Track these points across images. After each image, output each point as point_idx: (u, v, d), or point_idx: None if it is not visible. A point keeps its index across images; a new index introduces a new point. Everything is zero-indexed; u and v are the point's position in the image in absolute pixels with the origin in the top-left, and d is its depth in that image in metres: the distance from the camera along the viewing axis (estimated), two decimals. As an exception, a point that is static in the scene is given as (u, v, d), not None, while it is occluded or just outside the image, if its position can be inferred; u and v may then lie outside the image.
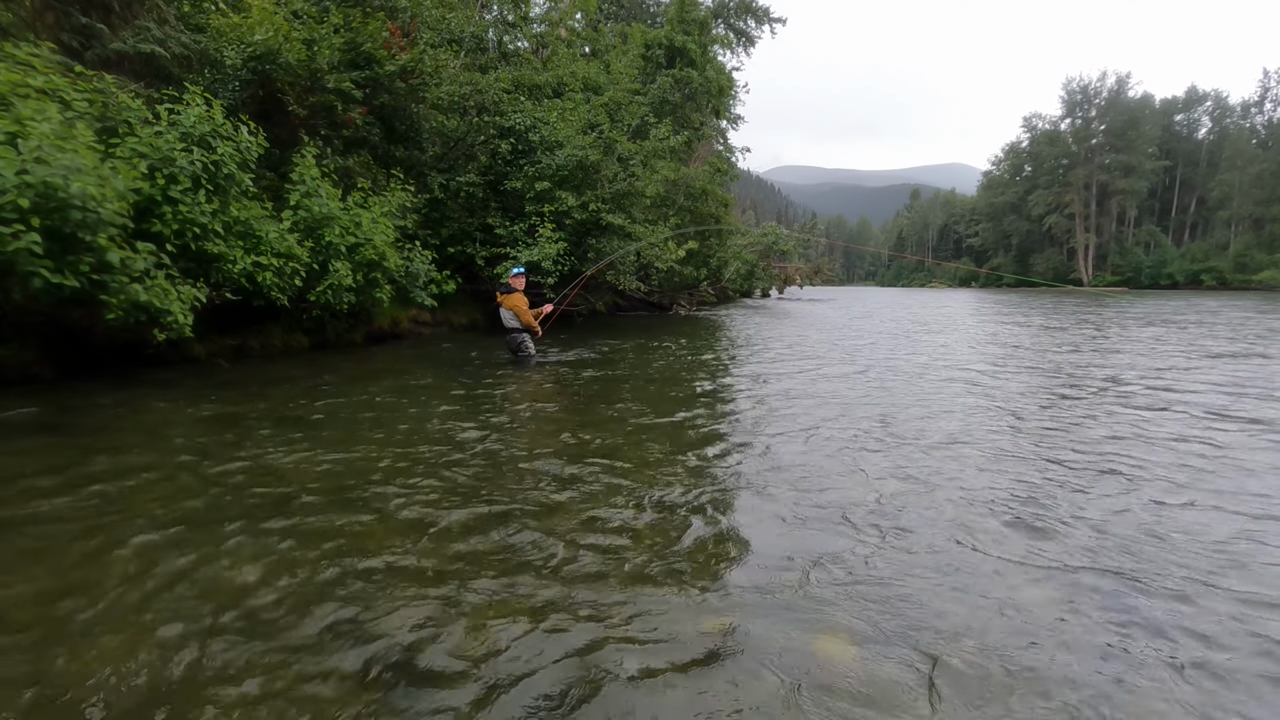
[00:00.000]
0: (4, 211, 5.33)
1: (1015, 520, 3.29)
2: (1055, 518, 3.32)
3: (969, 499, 3.59)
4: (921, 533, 3.12)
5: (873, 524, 3.21)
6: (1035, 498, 3.61)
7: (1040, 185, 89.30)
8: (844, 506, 3.46)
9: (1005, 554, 2.90)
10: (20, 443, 4.39)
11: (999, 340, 12.99)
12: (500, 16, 20.58)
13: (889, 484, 3.84)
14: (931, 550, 2.92)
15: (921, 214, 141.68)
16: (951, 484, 3.84)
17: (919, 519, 3.29)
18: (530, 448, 4.60)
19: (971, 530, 3.16)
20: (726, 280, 28.41)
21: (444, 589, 2.51)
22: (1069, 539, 3.07)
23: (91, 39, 8.34)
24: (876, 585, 2.60)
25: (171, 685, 1.92)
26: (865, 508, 3.43)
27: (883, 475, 3.99)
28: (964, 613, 2.40)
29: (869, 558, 2.84)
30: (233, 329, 8.74)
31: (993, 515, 3.35)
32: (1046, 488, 3.78)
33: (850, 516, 3.31)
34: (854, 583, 2.61)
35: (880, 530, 3.14)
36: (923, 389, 7.14)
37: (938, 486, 3.79)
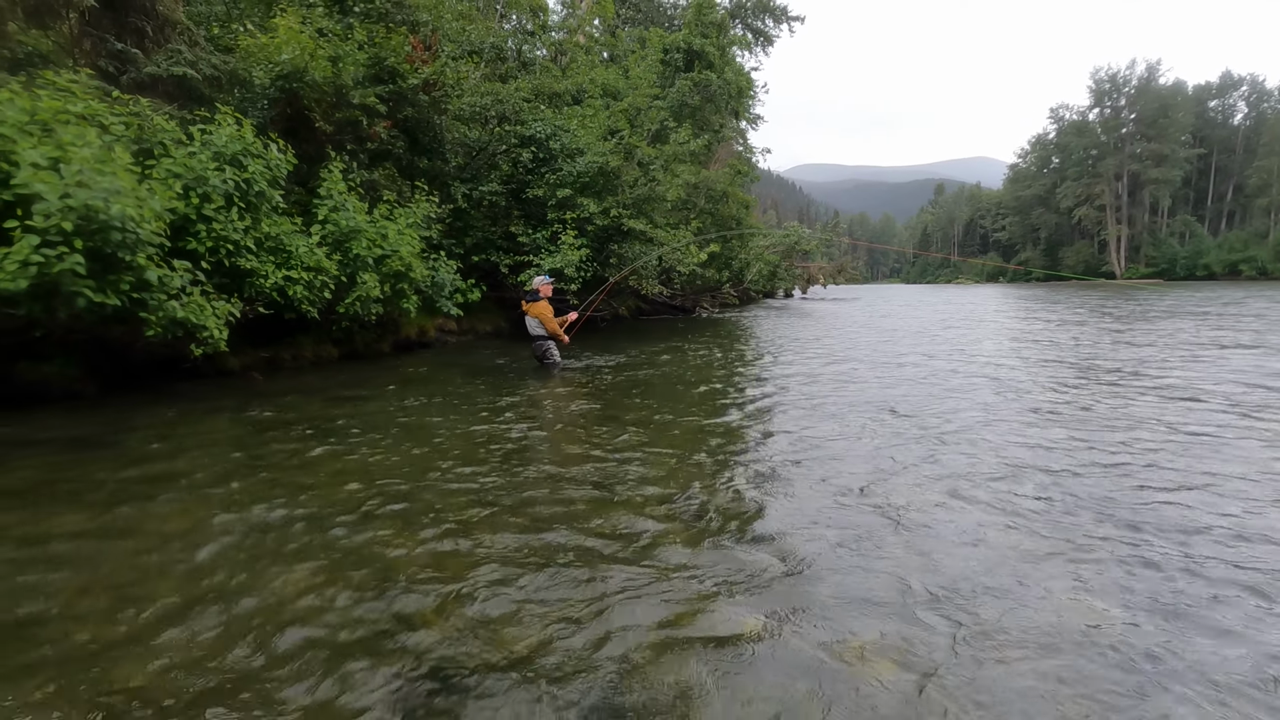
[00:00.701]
0: (49, 234, 5.52)
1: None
2: (1069, 507, 3.26)
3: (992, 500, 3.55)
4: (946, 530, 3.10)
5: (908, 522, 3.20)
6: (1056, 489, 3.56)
7: (1069, 177, 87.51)
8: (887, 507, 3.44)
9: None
10: (72, 456, 4.55)
11: (1024, 337, 12.76)
12: (519, 26, 20.79)
13: (928, 485, 3.81)
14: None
15: (946, 209, 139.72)
16: (973, 483, 3.80)
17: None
18: (561, 453, 4.65)
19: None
20: (749, 281, 28.29)
21: (488, 587, 2.55)
22: (1090, 530, 3.02)
23: (127, 64, 8.60)
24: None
25: (229, 684, 1.98)
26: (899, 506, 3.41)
27: (918, 477, 3.96)
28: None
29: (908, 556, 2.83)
30: (265, 342, 8.93)
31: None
32: (1064, 481, 3.72)
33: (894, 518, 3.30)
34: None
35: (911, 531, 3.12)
36: (940, 385, 7.05)
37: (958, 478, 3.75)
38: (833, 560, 2.90)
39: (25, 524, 3.32)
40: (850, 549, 3.01)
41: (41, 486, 3.91)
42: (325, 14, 11.51)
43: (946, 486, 3.86)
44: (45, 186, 5.53)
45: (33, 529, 3.26)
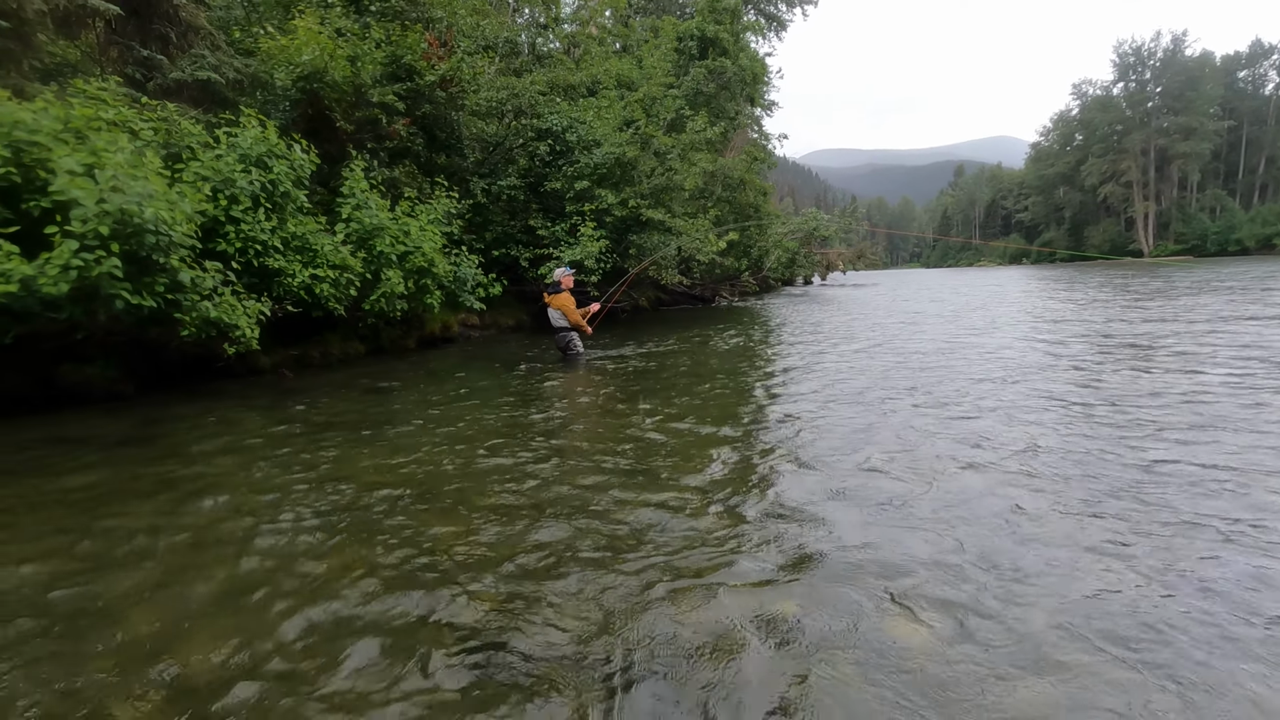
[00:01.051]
0: (87, 239, 5.67)
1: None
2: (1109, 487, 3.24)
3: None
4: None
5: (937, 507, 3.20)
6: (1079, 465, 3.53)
7: (1093, 154, 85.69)
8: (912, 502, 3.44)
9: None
10: (118, 455, 4.69)
11: (1046, 316, 12.55)
12: (532, 19, 20.79)
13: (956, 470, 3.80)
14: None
15: (967, 191, 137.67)
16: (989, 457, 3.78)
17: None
18: (593, 438, 4.69)
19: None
20: (768, 269, 28.15)
21: (526, 577, 2.61)
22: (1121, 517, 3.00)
23: (153, 70, 8.77)
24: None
25: (268, 670, 2.05)
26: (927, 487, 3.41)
27: (939, 453, 3.95)
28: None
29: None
30: (294, 340, 9.09)
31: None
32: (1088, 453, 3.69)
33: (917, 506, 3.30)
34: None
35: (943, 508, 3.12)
36: (964, 364, 6.98)
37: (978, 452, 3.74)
38: (865, 528, 2.91)
39: (80, 521, 3.44)
40: (883, 516, 3.02)
41: (93, 485, 4.04)
42: (343, 13, 11.61)
43: (970, 458, 3.85)
44: (82, 192, 5.68)
45: (88, 526, 3.37)
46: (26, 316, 5.71)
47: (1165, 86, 78.43)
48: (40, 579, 2.73)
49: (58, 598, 2.58)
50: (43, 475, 4.20)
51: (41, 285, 5.44)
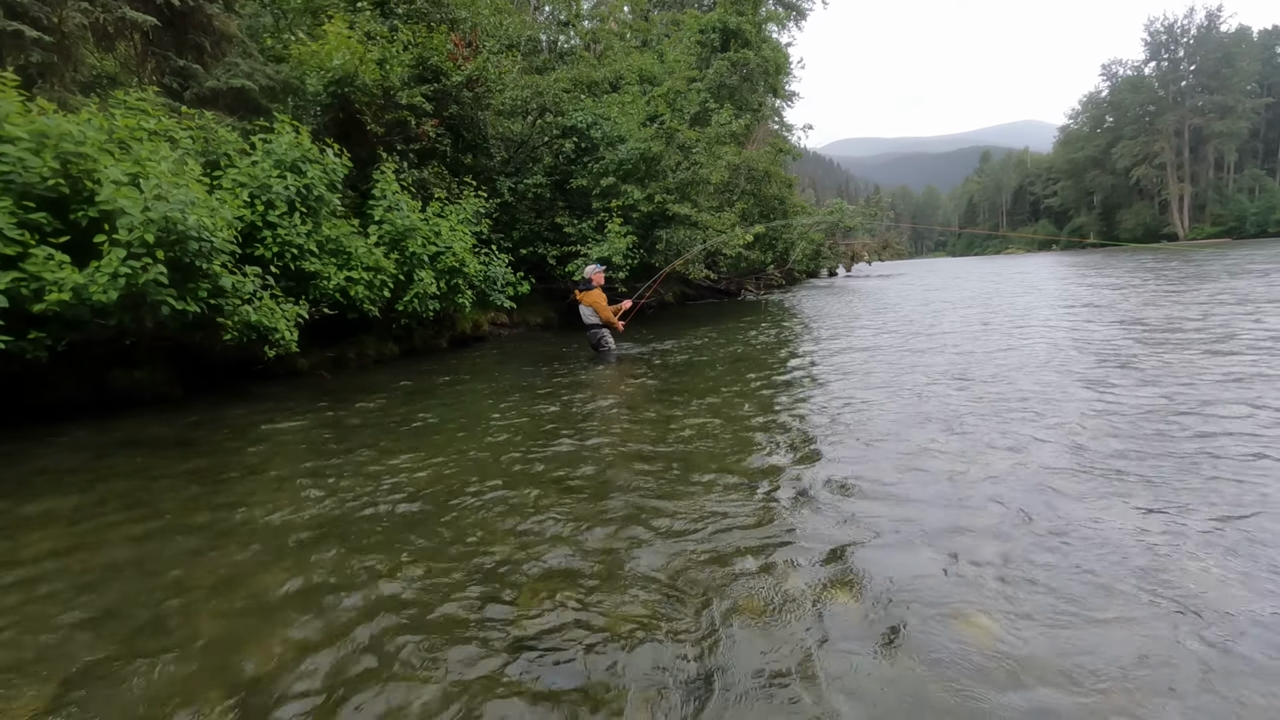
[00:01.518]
0: (133, 247, 5.80)
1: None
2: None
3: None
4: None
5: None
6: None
7: (1125, 135, 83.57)
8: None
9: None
10: (170, 455, 4.79)
11: (1076, 301, 12.25)
12: (553, 16, 20.81)
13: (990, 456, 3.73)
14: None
15: (993, 177, 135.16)
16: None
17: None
18: (632, 432, 4.68)
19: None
20: (793, 262, 27.91)
21: (572, 577, 2.60)
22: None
23: (189, 79, 8.94)
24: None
25: (341, 668, 2.07)
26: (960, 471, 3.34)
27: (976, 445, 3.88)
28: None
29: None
30: (330, 341, 9.21)
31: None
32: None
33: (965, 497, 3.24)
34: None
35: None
36: (996, 351, 6.83)
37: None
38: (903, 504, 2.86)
39: (138, 521, 3.52)
40: (920, 492, 2.97)
41: (150, 485, 4.13)
42: (370, 17, 11.72)
43: (1014, 442, 3.77)
44: (128, 201, 5.79)
45: (145, 527, 3.44)
46: (78, 324, 5.86)
47: (1199, 64, 76.19)
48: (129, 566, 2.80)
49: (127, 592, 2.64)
50: (103, 478, 4.31)
51: (92, 293, 5.57)
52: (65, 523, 3.53)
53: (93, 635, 2.39)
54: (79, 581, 2.81)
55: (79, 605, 2.60)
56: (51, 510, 3.73)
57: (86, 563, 3.00)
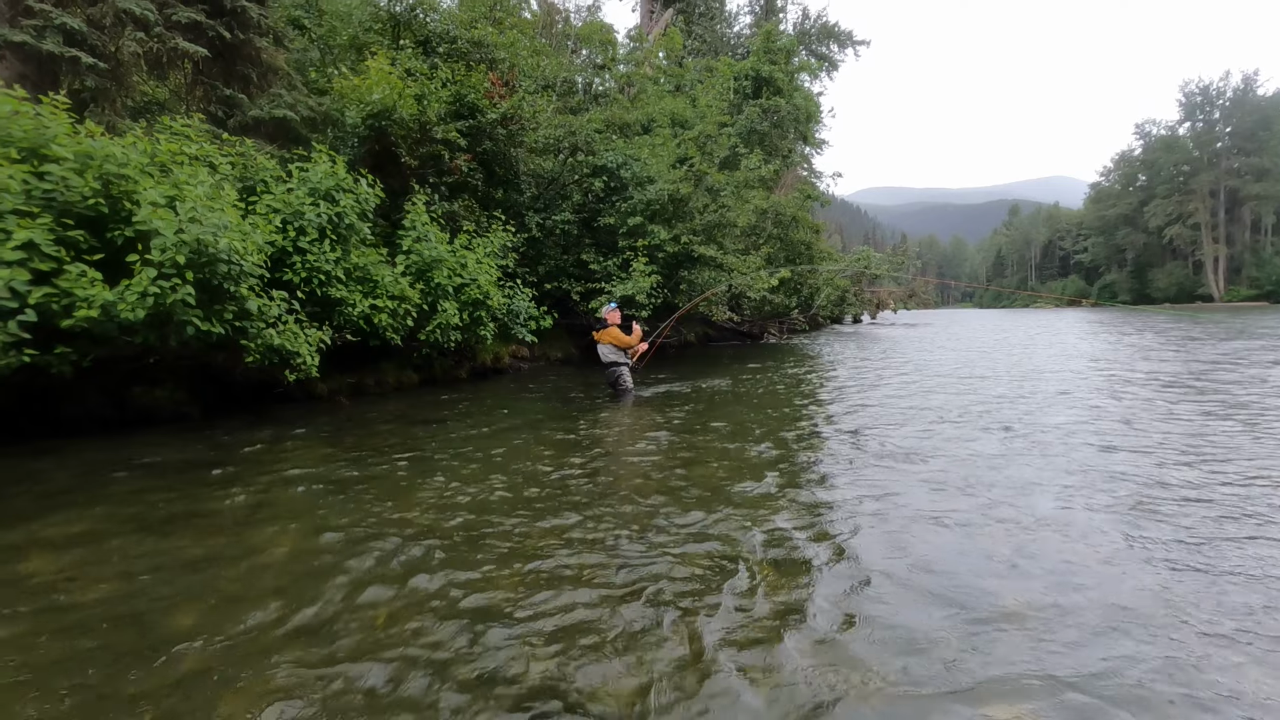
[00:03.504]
0: (164, 267, 5.89)
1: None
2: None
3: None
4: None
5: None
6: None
7: (1158, 195, 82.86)
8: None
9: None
10: (182, 478, 4.76)
11: (1104, 356, 11.91)
12: (589, 60, 21.33)
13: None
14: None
15: (1022, 230, 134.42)
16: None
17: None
18: (642, 485, 4.54)
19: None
20: (818, 307, 27.78)
21: (583, 617, 2.46)
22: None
23: (234, 108, 9.21)
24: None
25: (338, 703, 1.95)
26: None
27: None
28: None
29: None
30: (351, 367, 9.25)
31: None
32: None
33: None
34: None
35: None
36: (1031, 407, 6.60)
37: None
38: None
39: (145, 545, 3.45)
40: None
41: (158, 508, 4.08)
42: (413, 54, 12.07)
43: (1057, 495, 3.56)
44: (163, 223, 5.91)
45: (151, 549, 3.38)
46: (105, 340, 5.92)
47: (1236, 127, 75.68)
48: (115, 597, 2.72)
49: (123, 615, 2.55)
50: (119, 500, 4.27)
51: (120, 311, 5.64)
52: (64, 552, 3.48)
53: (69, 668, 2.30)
54: (65, 620, 2.73)
55: (58, 647, 2.52)
56: (52, 537, 3.69)
57: (77, 596, 2.92)
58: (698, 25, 33.90)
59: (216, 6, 8.96)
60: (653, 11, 31.50)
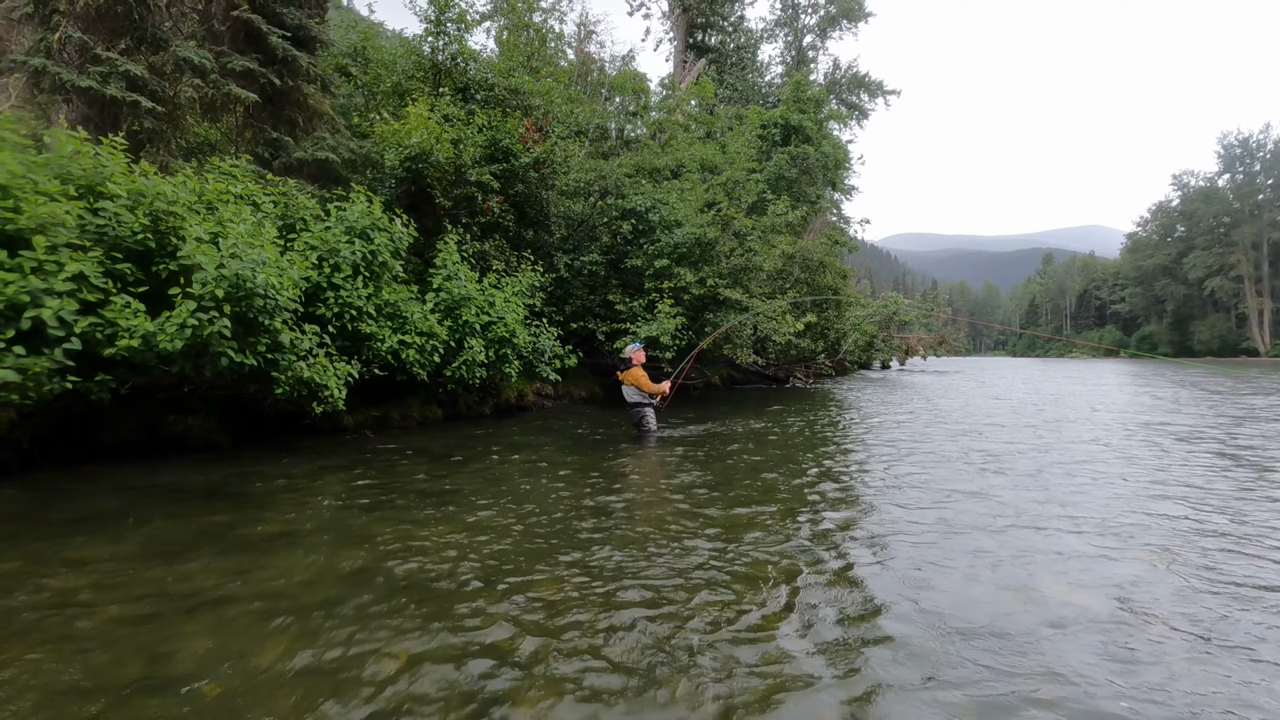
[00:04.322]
0: (204, 300, 6.11)
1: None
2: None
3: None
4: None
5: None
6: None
7: (1198, 246, 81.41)
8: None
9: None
10: (206, 506, 4.85)
11: (1148, 409, 11.54)
12: (622, 107, 21.93)
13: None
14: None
15: (1056, 279, 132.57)
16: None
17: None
18: (668, 520, 4.50)
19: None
20: (845, 352, 27.58)
21: (585, 677, 2.43)
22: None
23: (279, 150, 9.64)
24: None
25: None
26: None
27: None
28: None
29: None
30: (377, 401, 9.41)
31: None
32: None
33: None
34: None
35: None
36: (1069, 467, 6.40)
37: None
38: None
39: (167, 570, 3.51)
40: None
41: (185, 535, 4.16)
42: (451, 101, 12.56)
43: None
44: (205, 258, 6.16)
45: (173, 574, 3.43)
46: (143, 369, 6.14)
47: (1278, 179, 74.44)
48: (124, 622, 2.76)
49: (131, 646, 2.59)
50: (146, 526, 4.37)
51: (160, 341, 5.85)
52: (87, 572, 3.55)
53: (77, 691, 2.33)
54: (79, 641, 2.78)
55: (73, 663, 2.56)
56: (79, 558, 3.77)
57: (98, 616, 2.98)
58: (729, 74, 34.72)
59: (269, 55, 9.47)
60: (685, 61, 32.37)
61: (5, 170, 5.48)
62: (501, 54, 16.16)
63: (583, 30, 25.39)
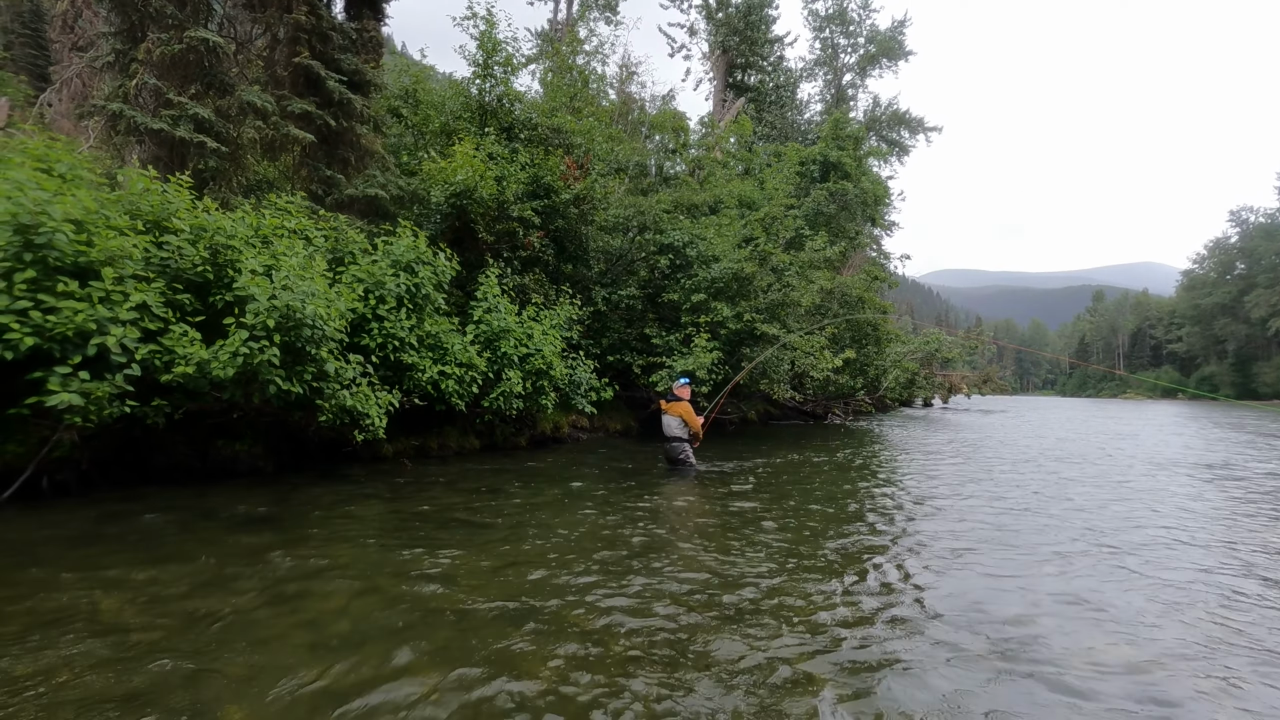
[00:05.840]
0: (255, 330, 6.36)
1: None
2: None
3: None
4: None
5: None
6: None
7: (1259, 284, 78.19)
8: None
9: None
10: (247, 532, 4.98)
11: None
12: (661, 144, 22.33)
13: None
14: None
15: (1107, 317, 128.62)
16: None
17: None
18: (707, 557, 4.45)
19: None
20: (885, 389, 27.06)
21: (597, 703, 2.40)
22: None
23: (332, 187, 10.07)
24: None
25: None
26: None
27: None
28: None
29: None
30: (416, 430, 9.57)
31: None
32: None
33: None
34: None
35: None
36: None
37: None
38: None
39: (209, 595, 3.61)
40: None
41: (230, 558, 4.28)
42: (495, 140, 12.97)
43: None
44: (258, 289, 6.42)
45: (216, 599, 3.53)
46: (196, 395, 6.38)
47: (1344, 215, 71.49)
48: (143, 647, 2.84)
49: (157, 673, 2.65)
50: (192, 548, 4.51)
51: (213, 368, 6.09)
52: (137, 593, 3.67)
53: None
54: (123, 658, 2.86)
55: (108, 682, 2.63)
56: (129, 579, 3.90)
57: (140, 636, 3.07)
58: (769, 113, 35.09)
59: (326, 98, 9.96)
60: (725, 100, 32.89)
61: (81, 207, 5.84)
62: (546, 95, 16.69)
63: (624, 71, 26.08)
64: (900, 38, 38.81)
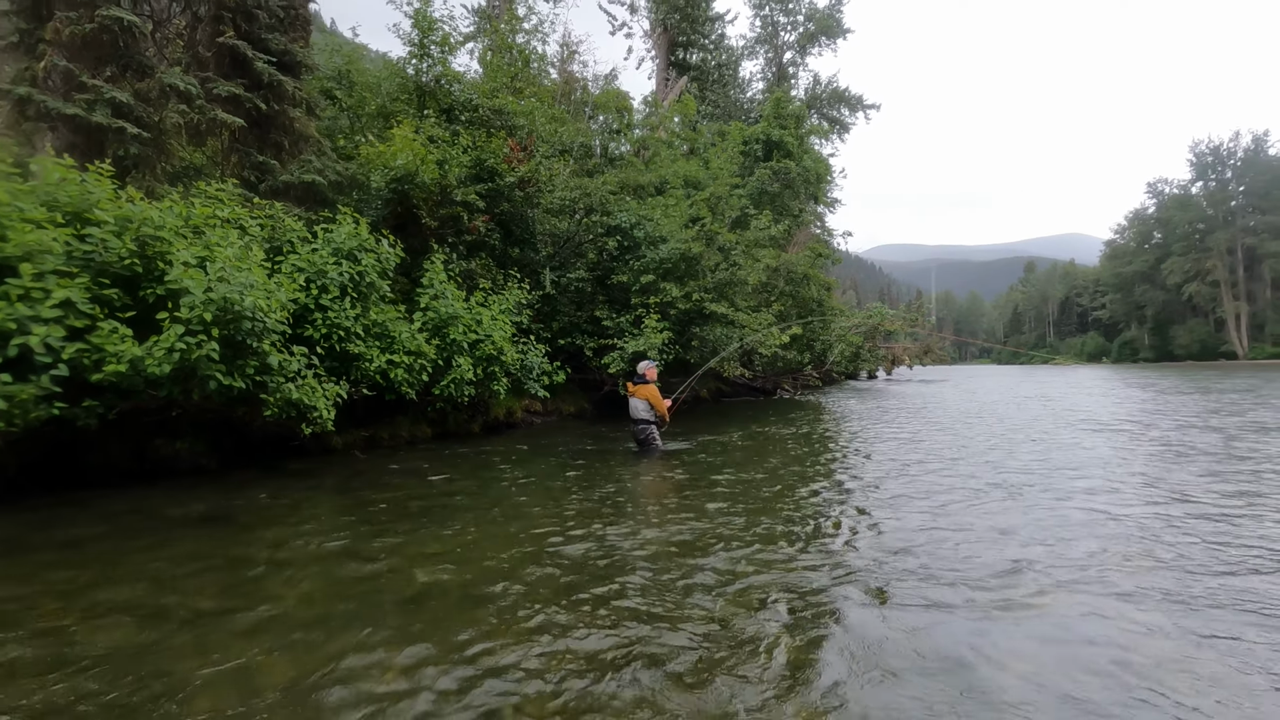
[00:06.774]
0: (191, 324, 6.14)
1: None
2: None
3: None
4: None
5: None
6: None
7: (1175, 252, 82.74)
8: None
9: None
10: (196, 532, 4.87)
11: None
12: (606, 125, 22.16)
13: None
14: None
15: (1038, 287, 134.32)
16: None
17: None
18: (672, 533, 4.57)
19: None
20: (831, 363, 27.81)
21: (568, 691, 2.50)
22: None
23: (265, 173, 9.70)
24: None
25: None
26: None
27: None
28: None
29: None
30: (366, 421, 9.41)
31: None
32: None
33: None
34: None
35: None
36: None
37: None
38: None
39: (154, 596, 3.54)
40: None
41: (172, 560, 4.18)
42: (436, 123, 12.68)
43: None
44: (192, 282, 6.20)
45: (161, 601, 3.47)
46: (131, 394, 6.15)
47: (1249, 185, 76.05)
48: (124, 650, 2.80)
49: (130, 667, 2.62)
50: (133, 551, 4.38)
51: (147, 366, 5.88)
52: (76, 599, 3.57)
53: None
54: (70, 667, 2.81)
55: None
56: (67, 585, 3.79)
57: (85, 644, 3.01)
58: (711, 91, 35.14)
59: (255, 80, 9.55)
60: (668, 79, 32.78)
61: (-9, 199, 5.52)
62: (485, 75, 16.35)
63: (565, 51, 25.65)
64: (838, 15, 39.23)
